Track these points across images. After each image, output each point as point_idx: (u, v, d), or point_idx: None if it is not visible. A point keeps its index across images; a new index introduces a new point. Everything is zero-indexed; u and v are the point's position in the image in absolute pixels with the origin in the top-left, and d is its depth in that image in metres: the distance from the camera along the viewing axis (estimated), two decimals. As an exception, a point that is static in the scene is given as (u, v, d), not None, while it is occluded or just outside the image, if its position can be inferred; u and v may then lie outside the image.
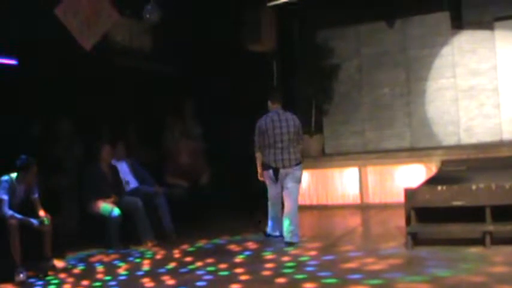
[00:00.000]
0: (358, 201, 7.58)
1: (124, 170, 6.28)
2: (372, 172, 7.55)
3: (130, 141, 6.94)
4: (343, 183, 7.72)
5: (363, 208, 7.41)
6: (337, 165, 7.80)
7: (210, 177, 7.10)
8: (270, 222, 5.58)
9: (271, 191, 5.41)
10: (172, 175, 6.95)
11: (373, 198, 7.51)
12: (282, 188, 5.33)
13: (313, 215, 7.42)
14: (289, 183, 5.31)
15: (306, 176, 7.76)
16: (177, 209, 6.24)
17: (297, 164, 5.35)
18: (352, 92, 8.59)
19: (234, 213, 6.98)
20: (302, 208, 7.25)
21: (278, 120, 5.32)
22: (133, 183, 6.26)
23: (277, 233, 5.52)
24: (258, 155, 5.38)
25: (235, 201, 6.89)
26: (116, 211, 5.65)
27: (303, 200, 7.60)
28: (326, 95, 8.28)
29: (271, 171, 5.32)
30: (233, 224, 6.54)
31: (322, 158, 8.20)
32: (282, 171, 5.28)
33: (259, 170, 5.42)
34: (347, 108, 8.57)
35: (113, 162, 6.06)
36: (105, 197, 5.75)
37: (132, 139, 7.16)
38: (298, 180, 5.40)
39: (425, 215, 4.77)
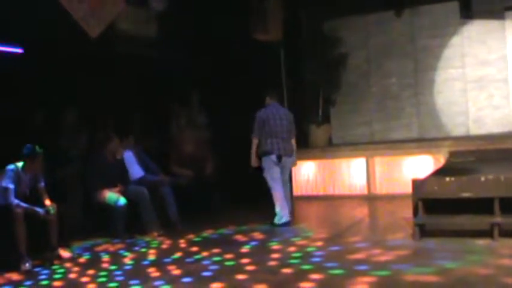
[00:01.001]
0: (365, 192, 7.56)
1: (130, 158, 6.27)
2: (380, 163, 7.51)
3: (136, 130, 6.93)
4: (351, 173, 7.69)
5: (370, 199, 7.39)
6: (345, 156, 7.77)
7: (215, 167, 7.09)
8: (278, 209, 5.73)
9: (275, 173, 5.80)
10: (177, 164, 6.95)
11: (381, 189, 7.50)
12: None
13: (320, 206, 7.43)
14: (286, 175, 5.94)
15: (313, 166, 7.92)
16: (183, 199, 6.24)
17: (292, 155, 5.97)
18: (360, 82, 8.52)
19: (240, 203, 6.96)
20: (309, 198, 7.75)
21: (277, 113, 5.88)
22: (139, 173, 6.28)
23: (286, 219, 5.74)
24: (255, 142, 5.83)
25: (241, 191, 6.84)
26: (122, 200, 5.65)
27: (310, 191, 7.88)
28: (333, 85, 8.26)
29: (274, 155, 5.78)
30: (239, 214, 6.53)
31: (329, 148, 8.18)
32: (284, 158, 5.82)
33: (253, 156, 5.82)
34: (354, 98, 8.51)
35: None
36: (110, 186, 5.75)
37: (137, 128, 7.14)
38: (290, 171, 6.16)
39: (433, 206, 4.74)
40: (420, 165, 7.18)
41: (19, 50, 6.00)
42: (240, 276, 3.98)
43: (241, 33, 7.45)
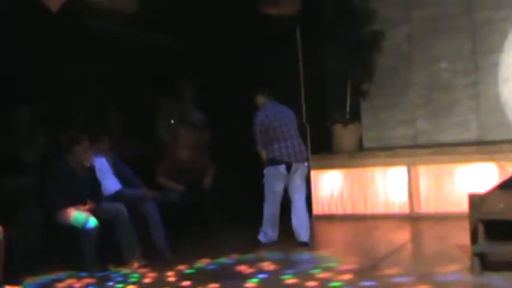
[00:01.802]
0: (407, 210, 7.53)
1: (103, 167, 6.27)
2: (425, 173, 7.46)
3: (111, 131, 6.99)
4: (387, 186, 7.65)
5: (414, 219, 7.36)
6: (380, 164, 7.73)
7: (215, 178, 7.13)
8: (266, 226, 6.20)
9: (277, 187, 6.18)
10: (166, 175, 7.00)
11: (427, 206, 7.44)
12: (286, 184, 6.21)
13: (348, 228, 7.43)
14: (298, 180, 6.22)
15: (339, 177, 7.86)
16: (172, 219, 6.31)
17: (307, 160, 6.36)
18: (400, 68, 8.49)
19: (245, 225, 6.91)
20: (332, 218, 7.71)
21: (279, 112, 6.27)
22: (114, 185, 6.32)
23: (274, 239, 6.22)
24: (264, 153, 6.23)
25: (246, 210, 6.81)
26: (92, 222, 5.60)
27: (334, 208, 7.85)
28: (365, 71, 8.16)
29: (283, 166, 6.11)
30: (244, 238, 6.53)
31: (360, 153, 8.14)
32: (294, 165, 6.14)
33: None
34: (393, 89, 8.45)
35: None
36: (77, 203, 5.73)
37: (114, 128, 7.20)
38: (306, 178, 6.46)
39: (498, 230, 4.66)
40: (480, 175, 7.11)
41: None
42: (245, 321, 4.02)
43: (245, 6, 7.48)
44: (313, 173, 7.67)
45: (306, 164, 6.30)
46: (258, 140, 6.23)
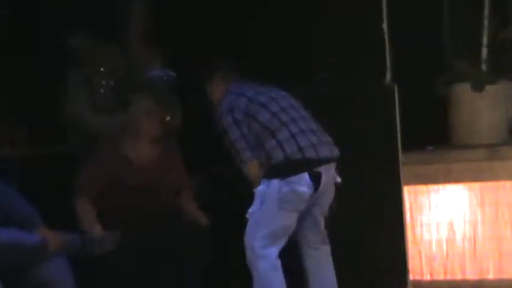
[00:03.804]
0: None
1: None
2: None
3: None
4: None
5: None
6: None
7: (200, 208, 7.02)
8: None
9: (285, 221, 6.15)
10: (95, 200, 6.89)
11: None
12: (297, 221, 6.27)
13: None
14: (325, 206, 6.34)
15: (465, 199, 7.49)
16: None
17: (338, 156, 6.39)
18: None
19: None
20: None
21: (266, 93, 6.56)
22: None
23: None
24: (253, 167, 6.27)
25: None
26: None
27: (458, 269, 7.53)
28: None
29: (306, 176, 5.98)
30: None
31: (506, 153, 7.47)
32: (325, 175, 6.06)
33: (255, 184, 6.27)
34: None
35: None
36: None
37: None
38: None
39: None
40: None
41: None
42: None
43: None
44: (406, 192, 7.28)
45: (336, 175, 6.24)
46: (238, 142, 6.27)
